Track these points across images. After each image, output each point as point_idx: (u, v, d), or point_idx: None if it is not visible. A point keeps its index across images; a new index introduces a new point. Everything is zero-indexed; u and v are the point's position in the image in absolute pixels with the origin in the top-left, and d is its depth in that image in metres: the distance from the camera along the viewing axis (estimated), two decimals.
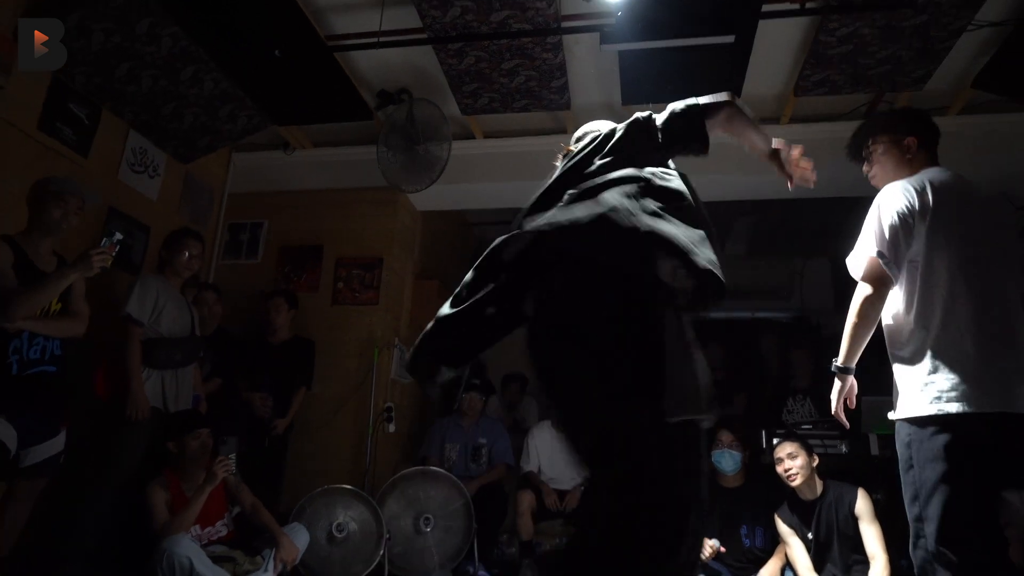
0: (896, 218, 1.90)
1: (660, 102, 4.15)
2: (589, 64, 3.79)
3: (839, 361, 2.04)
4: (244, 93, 3.88)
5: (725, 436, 3.61)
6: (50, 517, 2.91)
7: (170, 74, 3.58)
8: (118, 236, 2.72)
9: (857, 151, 2.30)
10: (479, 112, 4.18)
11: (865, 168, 2.28)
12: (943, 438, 1.74)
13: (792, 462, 3.13)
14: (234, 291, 4.34)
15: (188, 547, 2.80)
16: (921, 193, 1.93)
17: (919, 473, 1.78)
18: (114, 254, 2.67)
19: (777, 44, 3.61)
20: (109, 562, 2.98)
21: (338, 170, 4.78)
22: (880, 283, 1.92)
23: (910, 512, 1.82)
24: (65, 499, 2.92)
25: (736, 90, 3.88)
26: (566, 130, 4.43)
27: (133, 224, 3.91)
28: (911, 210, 1.90)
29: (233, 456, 3.14)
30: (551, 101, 4.00)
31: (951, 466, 1.72)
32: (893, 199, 1.94)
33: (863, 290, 1.94)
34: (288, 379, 4.01)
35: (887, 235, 1.90)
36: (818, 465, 3.20)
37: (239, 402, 3.85)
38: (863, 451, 3.83)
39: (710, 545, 3.32)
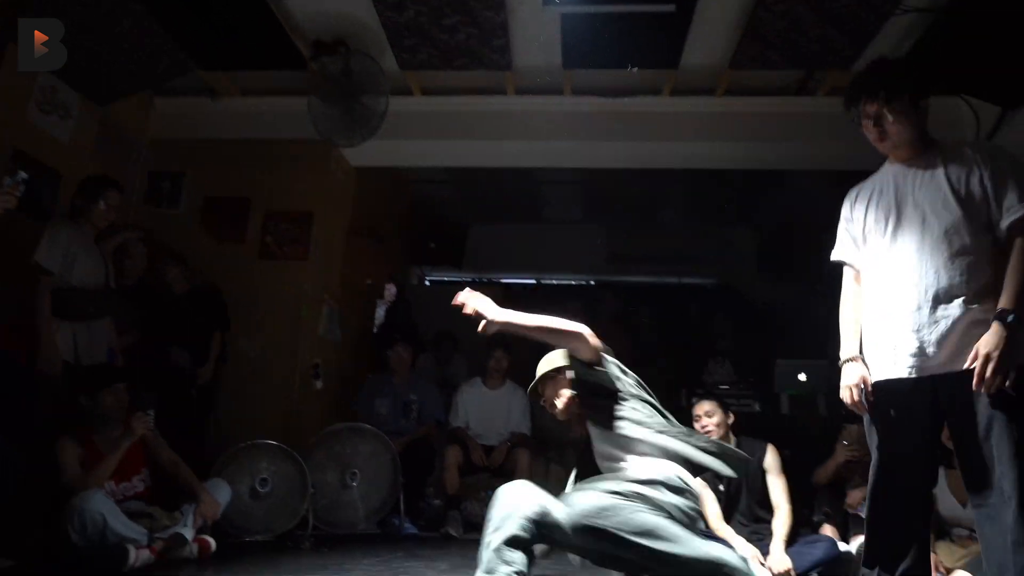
0: None
1: (601, 67, 4.22)
2: (531, 25, 3.76)
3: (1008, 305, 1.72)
4: (166, 32, 3.65)
5: None
6: None
7: (85, 7, 3.33)
8: (22, 175, 2.54)
9: (856, 105, 2.04)
10: (417, 68, 4.10)
11: (871, 128, 2.00)
12: None
13: (708, 419, 3.28)
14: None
15: (101, 502, 2.72)
16: None
17: None
18: (19, 194, 2.51)
19: (717, 17, 3.66)
20: (15, 522, 2.87)
21: (267, 121, 4.60)
22: None
23: None
24: None
25: (674, 61, 3.94)
26: (505, 91, 4.41)
27: (41, 168, 3.66)
28: None
29: (152, 412, 3.06)
30: (491, 60, 3.96)
31: None
32: None
33: None
34: (199, 327, 3.90)
35: None
36: (733, 423, 3.37)
37: (157, 355, 3.72)
38: (774, 410, 4.08)
39: None
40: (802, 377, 4.12)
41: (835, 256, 2.20)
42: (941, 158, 1.92)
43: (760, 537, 3.08)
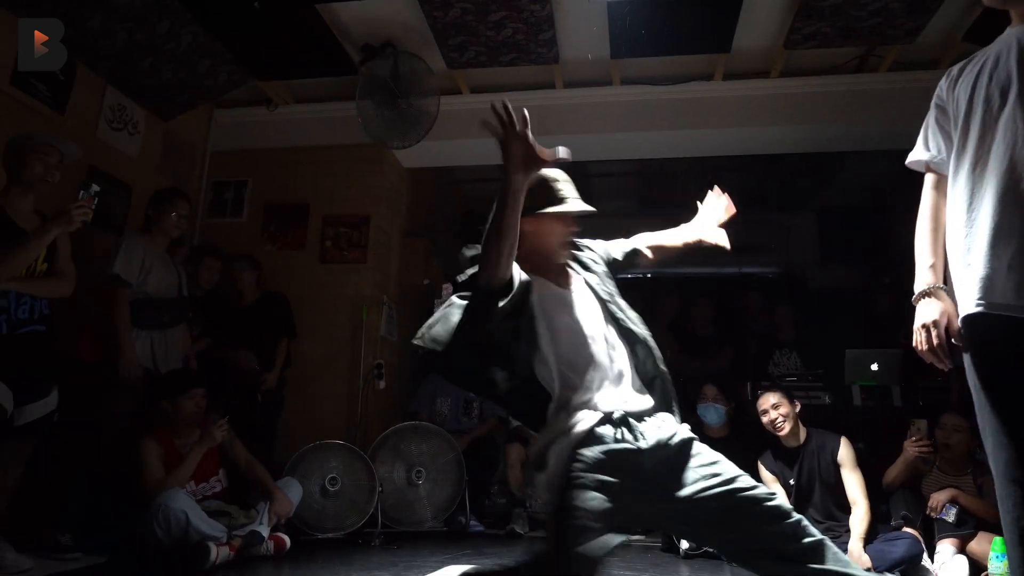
0: None
1: (649, 55, 4.15)
2: (577, 16, 3.72)
3: None
4: (223, 47, 3.78)
5: (710, 390, 3.68)
6: (43, 479, 2.93)
7: (145, 27, 3.47)
8: (95, 188, 2.66)
9: None
10: (465, 66, 4.11)
11: None
12: None
13: (776, 412, 3.20)
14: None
15: (184, 501, 2.84)
16: None
17: None
18: (93, 207, 2.62)
19: None
20: (103, 521, 3.02)
21: (322, 127, 4.70)
22: None
23: None
24: (57, 460, 2.93)
25: (726, 45, 3.83)
26: (554, 84, 4.38)
27: (113, 183, 3.84)
28: None
29: (227, 416, 3.18)
30: (539, 55, 3.93)
31: None
32: None
33: None
34: (267, 334, 4.01)
35: None
36: (802, 416, 3.27)
37: (225, 360, 3.85)
38: (846, 402, 3.93)
39: None
40: (874, 367, 3.96)
41: (911, 158, 1.71)
42: None
43: (836, 535, 2.98)
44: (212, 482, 3.17)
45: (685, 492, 1.50)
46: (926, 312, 1.52)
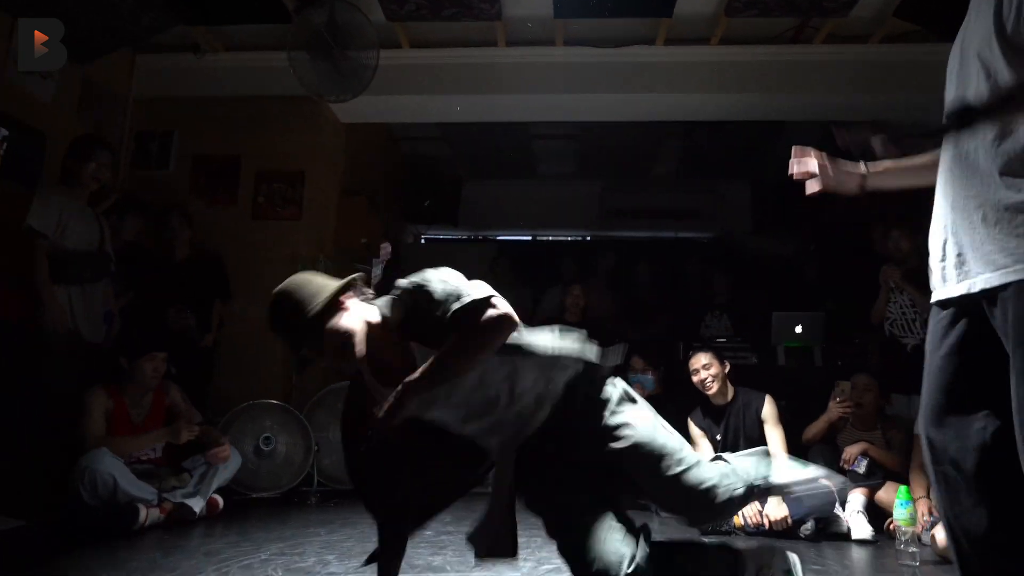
0: None
1: (593, 16, 4.11)
2: None
3: None
4: None
5: (637, 362, 3.85)
6: None
7: None
8: (3, 132, 2.50)
9: None
10: (405, 19, 3.99)
11: None
12: None
13: (706, 371, 3.32)
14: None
15: (111, 464, 2.76)
16: None
17: None
18: (0, 153, 2.46)
19: None
20: (24, 483, 2.91)
21: (255, 77, 4.49)
22: None
23: None
24: None
25: (668, 10, 3.84)
26: (496, 42, 4.31)
27: (24, 129, 3.57)
28: None
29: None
30: (481, 10, 3.86)
31: None
32: None
33: None
34: (200, 294, 3.89)
35: None
36: (730, 375, 3.41)
37: (155, 318, 3.72)
38: (771, 362, 4.12)
39: None
40: (798, 329, 4.15)
41: None
42: None
43: None
44: (156, 448, 3.09)
45: None
46: None
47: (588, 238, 7.85)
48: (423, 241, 8.01)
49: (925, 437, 1.29)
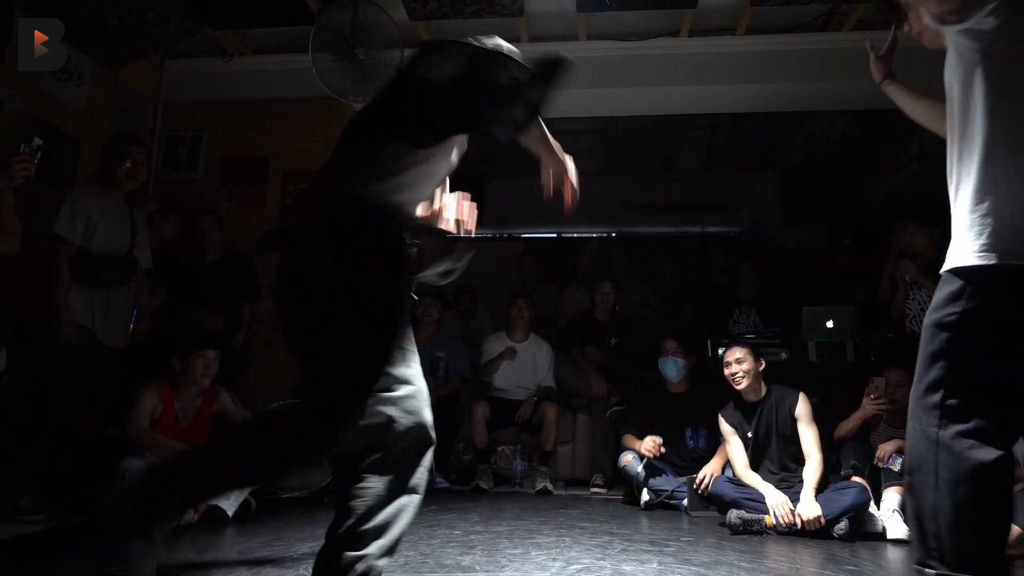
0: None
1: (616, 9, 4.07)
2: None
3: None
4: None
5: (669, 344, 3.76)
6: None
7: None
8: (37, 142, 2.57)
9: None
10: (427, 17, 3.99)
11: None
12: None
13: (739, 366, 3.28)
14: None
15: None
16: None
17: None
18: (36, 161, 2.51)
19: None
20: (66, 482, 2.98)
21: (281, 79, 4.53)
22: None
23: None
24: (11, 422, 2.86)
25: (691, 0, 3.79)
26: (519, 38, 4.29)
27: (59, 136, 3.66)
28: None
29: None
30: (503, 7, 3.84)
31: None
32: None
33: None
34: (231, 295, 3.94)
35: None
36: (764, 370, 3.36)
37: (186, 319, 3.77)
38: (802, 358, 4.04)
39: (653, 440, 3.50)
40: (829, 324, 4.07)
41: None
42: None
43: (789, 485, 3.10)
44: None
45: None
46: None
47: (613, 234, 7.80)
48: None
49: None
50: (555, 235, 8.04)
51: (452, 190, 1.70)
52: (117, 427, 2.98)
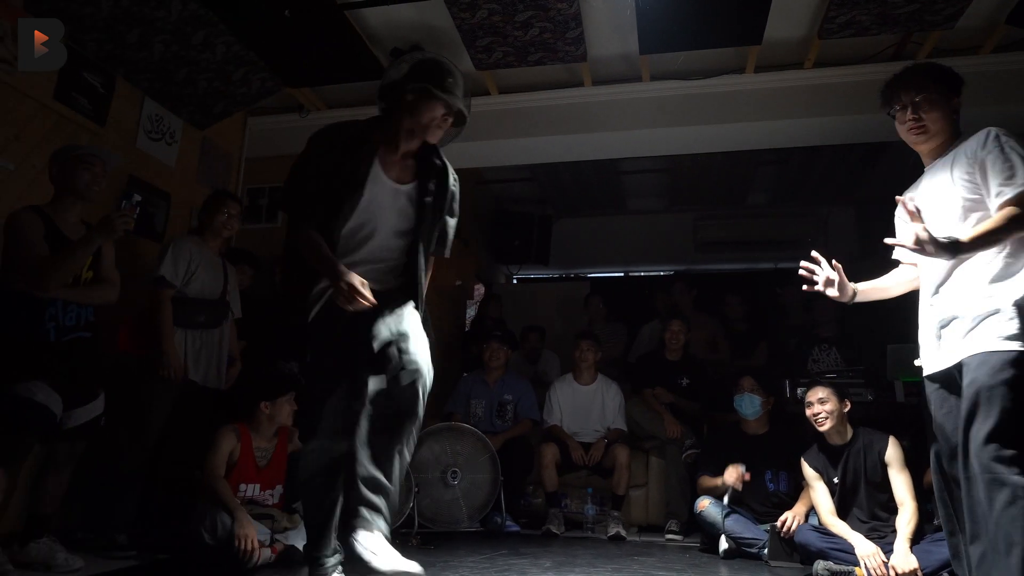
0: None
1: (678, 50, 4.09)
2: (605, 12, 3.69)
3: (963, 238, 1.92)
4: (256, 56, 3.85)
5: (746, 382, 3.64)
6: (94, 480, 3.03)
7: (181, 39, 3.55)
8: (136, 198, 2.76)
9: (896, 97, 2.23)
10: (493, 67, 4.11)
11: (908, 116, 2.21)
12: None
13: (821, 407, 3.13)
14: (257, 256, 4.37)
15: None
16: None
17: None
18: (135, 216, 2.70)
19: None
20: (157, 520, 3.11)
21: None
22: None
23: None
24: (108, 461, 3.02)
25: (756, 36, 3.77)
26: (583, 82, 4.36)
27: (153, 191, 3.94)
28: None
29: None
30: (566, 53, 3.92)
31: None
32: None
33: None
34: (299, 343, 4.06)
35: None
36: (849, 411, 3.21)
37: (269, 365, 3.91)
38: (889, 398, 3.83)
39: (735, 468, 3.36)
40: (917, 362, 3.84)
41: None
42: (952, 154, 2.06)
43: (881, 535, 2.92)
44: (275, 491, 3.21)
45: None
46: None
47: (683, 271, 7.70)
48: (515, 281, 8.10)
49: None
50: (622, 274, 7.99)
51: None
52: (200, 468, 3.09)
